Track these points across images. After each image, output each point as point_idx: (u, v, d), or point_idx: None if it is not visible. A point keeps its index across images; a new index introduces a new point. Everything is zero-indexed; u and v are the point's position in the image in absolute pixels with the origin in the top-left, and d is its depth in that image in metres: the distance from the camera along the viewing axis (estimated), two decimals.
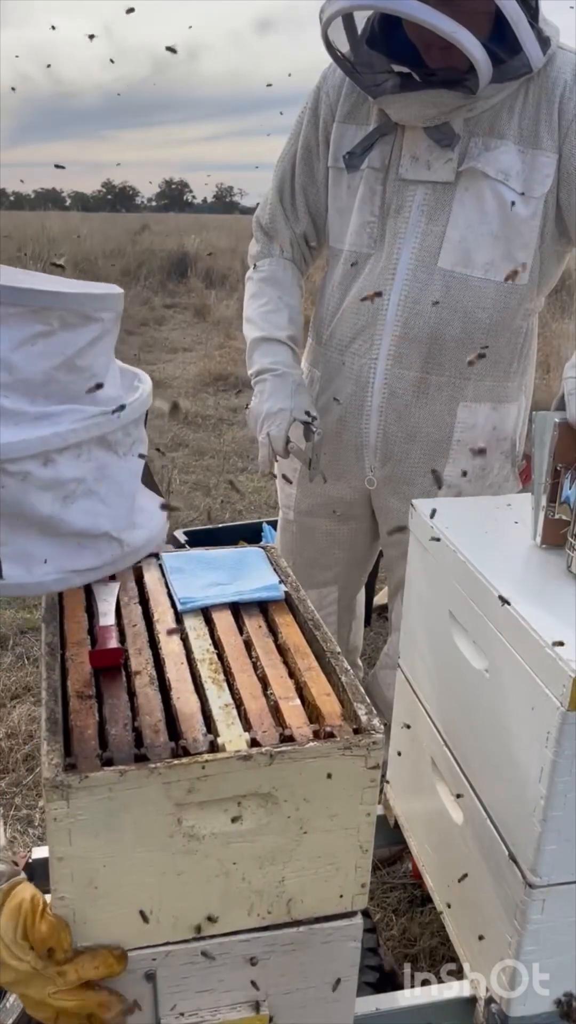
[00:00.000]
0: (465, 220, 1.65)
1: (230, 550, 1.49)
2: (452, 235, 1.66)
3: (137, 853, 1.03)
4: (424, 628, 1.56)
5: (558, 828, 1.16)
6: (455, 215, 1.66)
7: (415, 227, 1.69)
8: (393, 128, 1.69)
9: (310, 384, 1.88)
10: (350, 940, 1.16)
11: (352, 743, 1.06)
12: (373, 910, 1.85)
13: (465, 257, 1.67)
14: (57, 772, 0.98)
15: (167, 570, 1.41)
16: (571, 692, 1.08)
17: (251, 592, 1.35)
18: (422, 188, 1.68)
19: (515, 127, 1.62)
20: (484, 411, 1.77)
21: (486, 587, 1.28)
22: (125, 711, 1.10)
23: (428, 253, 1.69)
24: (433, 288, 1.69)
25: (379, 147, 1.71)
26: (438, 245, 1.67)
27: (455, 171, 1.64)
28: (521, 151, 1.62)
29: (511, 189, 1.62)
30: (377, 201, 1.72)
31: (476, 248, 1.66)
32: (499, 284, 1.67)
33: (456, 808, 1.44)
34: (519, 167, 1.62)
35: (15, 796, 2.24)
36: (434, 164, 1.66)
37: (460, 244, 1.66)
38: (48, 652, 1.22)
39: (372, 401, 1.77)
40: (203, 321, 8.80)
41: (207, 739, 1.05)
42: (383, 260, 1.73)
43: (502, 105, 1.62)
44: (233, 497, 4.36)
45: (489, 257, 1.66)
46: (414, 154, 1.67)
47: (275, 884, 1.10)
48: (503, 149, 1.62)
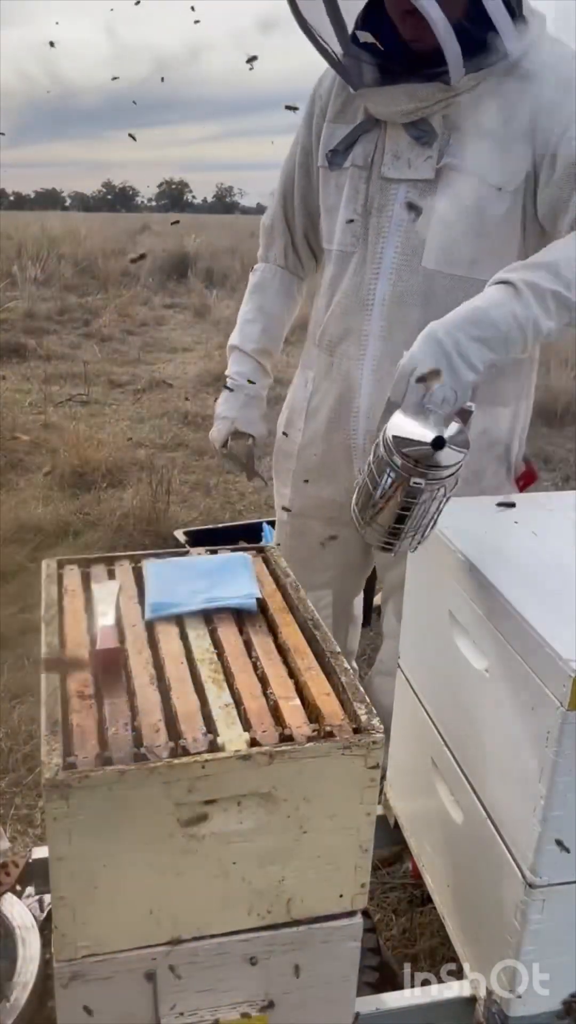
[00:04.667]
0: (445, 218, 1.63)
1: (214, 556, 1.49)
2: (433, 233, 1.64)
3: (137, 853, 1.03)
4: (424, 628, 1.56)
5: (558, 828, 1.16)
6: (437, 213, 1.63)
7: (398, 226, 1.68)
8: (376, 125, 1.68)
9: (303, 386, 1.89)
10: (350, 940, 1.16)
11: (352, 743, 1.06)
12: (373, 910, 1.85)
13: (448, 256, 1.64)
14: (57, 772, 0.98)
15: (146, 576, 1.40)
16: (571, 692, 1.08)
17: (224, 600, 1.34)
18: (404, 186, 1.66)
19: (493, 120, 1.58)
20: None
21: (486, 587, 1.28)
22: (125, 711, 1.10)
23: (412, 252, 1.67)
24: (418, 288, 1.67)
25: (362, 144, 1.70)
26: (421, 244, 1.66)
27: (435, 168, 1.63)
28: (500, 145, 1.59)
29: (488, 185, 1.59)
30: (360, 199, 1.71)
31: (459, 246, 1.63)
32: (485, 283, 1.65)
33: (456, 808, 1.44)
34: (496, 162, 1.59)
35: (15, 796, 2.24)
36: (415, 162, 1.64)
37: (443, 242, 1.64)
38: (48, 652, 1.22)
39: (360, 402, 1.76)
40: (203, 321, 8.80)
41: (207, 739, 1.05)
42: (367, 260, 1.72)
43: (480, 99, 1.59)
44: (233, 497, 4.36)
45: (472, 255, 1.63)
46: (396, 152, 1.66)
47: (275, 884, 1.10)
48: (480, 144, 1.59)
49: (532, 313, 1.34)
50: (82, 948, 1.06)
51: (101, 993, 1.09)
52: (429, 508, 1.23)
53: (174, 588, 1.36)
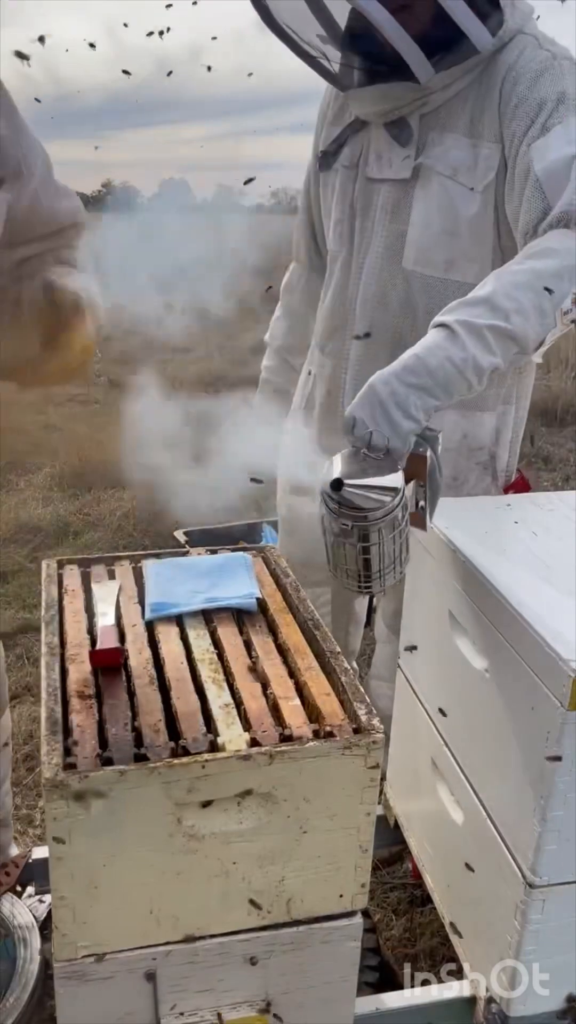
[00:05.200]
0: (422, 218, 1.63)
1: (215, 556, 1.49)
2: (412, 234, 1.64)
3: (137, 853, 1.03)
4: (424, 628, 1.56)
5: (558, 828, 1.16)
6: (414, 213, 1.63)
7: (380, 226, 1.68)
8: (364, 127, 1.69)
9: (306, 382, 1.91)
10: (350, 940, 1.16)
11: (352, 743, 1.06)
12: (373, 910, 1.85)
13: (425, 256, 1.64)
14: (57, 772, 0.98)
15: (146, 576, 1.40)
16: (571, 692, 1.08)
17: (224, 600, 1.34)
18: (385, 187, 1.66)
19: (466, 119, 1.58)
20: (451, 417, 1.68)
21: (486, 587, 1.28)
22: (125, 711, 1.10)
23: (392, 253, 1.67)
24: (397, 288, 1.67)
25: (350, 146, 1.71)
26: (401, 245, 1.65)
27: (412, 167, 1.62)
28: (473, 144, 1.57)
29: (461, 184, 1.58)
30: (348, 200, 1.72)
31: (434, 247, 1.63)
32: (462, 284, 1.60)
33: (456, 808, 1.44)
34: (469, 161, 1.58)
35: (15, 796, 2.24)
36: (394, 161, 1.64)
37: (419, 243, 1.64)
38: (48, 652, 1.22)
39: (344, 402, 1.76)
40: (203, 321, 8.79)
41: (207, 739, 1.05)
42: (353, 261, 1.72)
43: (456, 97, 1.58)
44: None
45: (448, 256, 1.62)
46: (378, 152, 1.66)
47: (275, 884, 1.10)
48: (453, 143, 1.58)
49: (469, 354, 1.27)
50: (82, 948, 1.06)
51: (101, 993, 1.09)
52: (387, 548, 1.20)
53: (174, 588, 1.36)
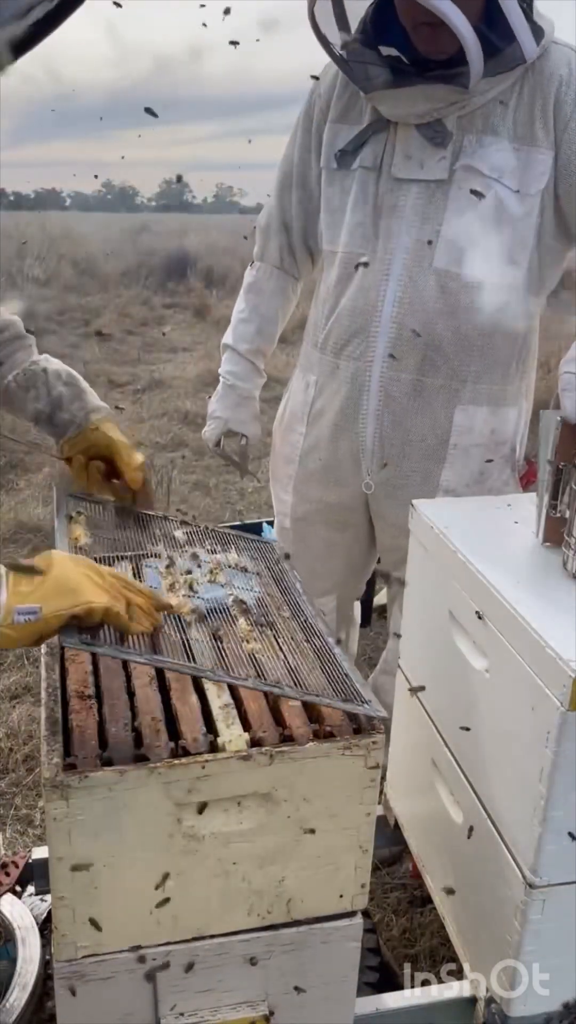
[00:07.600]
0: (459, 219, 1.64)
1: None
2: (446, 234, 1.65)
3: (137, 853, 1.03)
4: (424, 628, 1.56)
5: (558, 828, 1.16)
6: (449, 214, 1.65)
7: (409, 227, 1.68)
8: (386, 126, 1.68)
9: (304, 390, 1.89)
10: (350, 940, 1.16)
11: (352, 743, 1.06)
12: (373, 910, 1.85)
13: (460, 256, 1.65)
14: (57, 772, 0.98)
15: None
16: (571, 692, 1.08)
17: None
18: (416, 187, 1.67)
19: (509, 124, 1.61)
20: (482, 415, 1.76)
21: (486, 587, 1.28)
22: (125, 711, 1.10)
23: (423, 253, 1.68)
24: (428, 289, 1.68)
25: (371, 145, 1.70)
26: (432, 244, 1.67)
27: (448, 169, 1.64)
28: (516, 148, 1.61)
29: (505, 187, 1.61)
30: (370, 201, 1.72)
31: (471, 247, 1.64)
32: (496, 284, 1.66)
33: (456, 808, 1.44)
34: (514, 164, 1.61)
35: (15, 796, 2.24)
36: (427, 162, 1.65)
37: (455, 243, 1.65)
38: (48, 652, 1.22)
39: (368, 405, 1.76)
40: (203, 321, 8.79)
41: (207, 739, 1.05)
42: (377, 261, 1.72)
43: (496, 101, 1.61)
44: (233, 497, 4.36)
45: (485, 256, 1.65)
46: (407, 152, 1.66)
47: (275, 884, 1.10)
48: (497, 146, 1.61)
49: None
50: (82, 948, 1.06)
51: (101, 993, 1.09)
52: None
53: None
